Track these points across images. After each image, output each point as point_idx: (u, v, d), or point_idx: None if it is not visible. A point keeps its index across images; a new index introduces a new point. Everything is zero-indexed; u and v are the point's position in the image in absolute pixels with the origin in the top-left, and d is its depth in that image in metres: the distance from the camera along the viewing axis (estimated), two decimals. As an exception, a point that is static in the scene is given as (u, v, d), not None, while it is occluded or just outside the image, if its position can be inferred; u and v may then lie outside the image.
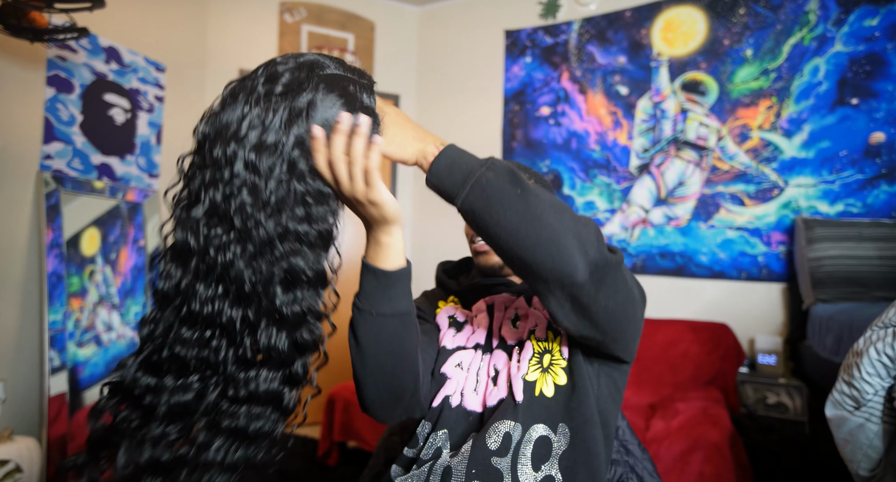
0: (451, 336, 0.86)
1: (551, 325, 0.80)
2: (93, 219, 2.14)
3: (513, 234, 0.58)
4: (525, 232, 0.58)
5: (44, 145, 2.00)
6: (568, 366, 0.75)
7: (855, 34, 2.14)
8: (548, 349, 0.78)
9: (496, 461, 0.69)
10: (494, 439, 0.71)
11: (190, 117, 2.71)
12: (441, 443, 0.75)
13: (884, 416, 0.94)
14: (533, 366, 0.76)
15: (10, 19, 1.57)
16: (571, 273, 0.58)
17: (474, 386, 0.79)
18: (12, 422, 1.84)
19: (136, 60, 2.38)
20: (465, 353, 0.83)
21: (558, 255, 0.58)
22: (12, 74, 1.89)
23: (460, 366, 0.82)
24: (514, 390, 0.74)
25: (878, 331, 0.97)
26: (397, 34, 3.25)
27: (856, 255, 1.94)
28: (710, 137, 2.42)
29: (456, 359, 0.82)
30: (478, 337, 0.85)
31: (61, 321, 1.94)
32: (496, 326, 0.85)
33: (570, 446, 0.70)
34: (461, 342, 0.85)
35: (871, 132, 2.11)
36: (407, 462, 0.78)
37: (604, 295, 0.61)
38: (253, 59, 2.91)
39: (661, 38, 2.56)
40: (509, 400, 0.74)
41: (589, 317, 0.63)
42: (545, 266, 0.58)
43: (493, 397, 0.76)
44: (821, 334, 1.78)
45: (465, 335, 0.86)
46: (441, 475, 0.70)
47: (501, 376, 0.78)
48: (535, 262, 0.58)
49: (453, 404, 0.78)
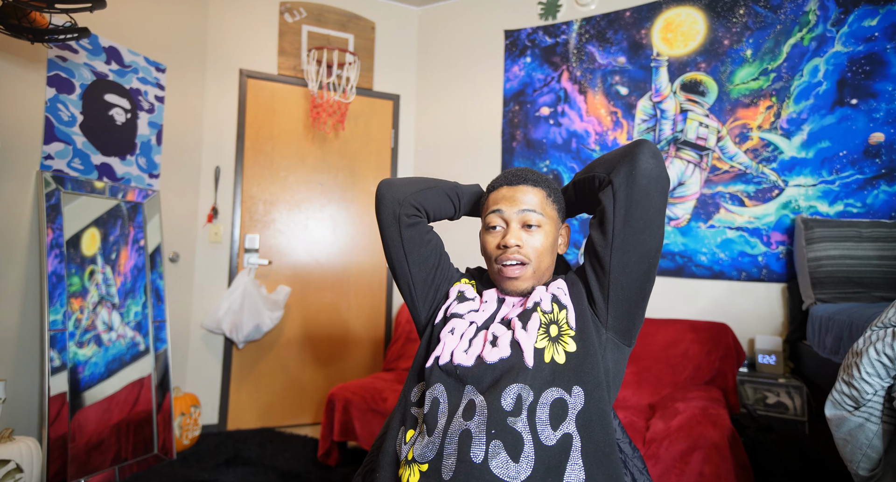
0: (455, 304, 0.93)
1: (556, 299, 0.86)
2: (93, 219, 2.14)
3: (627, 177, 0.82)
4: (620, 161, 0.84)
5: (44, 145, 2.00)
6: (577, 335, 0.81)
7: (854, 34, 2.15)
8: (554, 320, 0.83)
9: (512, 421, 0.72)
10: (508, 402, 0.74)
11: (190, 117, 2.72)
12: (438, 393, 0.79)
13: (883, 416, 0.94)
14: (541, 335, 0.81)
15: (10, 19, 1.57)
16: (634, 167, 0.80)
17: (465, 348, 0.83)
18: (12, 422, 1.84)
19: (136, 60, 2.38)
20: (461, 322, 0.88)
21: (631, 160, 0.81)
22: (12, 74, 1.89)
23: (452, 332, 0.87)
24: (525, 355, 0.78)
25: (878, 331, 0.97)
26: (397, 34, 3.25)
27: (855, 255, 1.94)
28: (710, 137, 2.42)
29: (450, 326, 0.88)
30: (478, 317, 0.89)
31: (61, 321, 1.94)
32: (499, 316, 0.89)
33: (585, 405, 0.75)
34: (461, 311, 0.91)
35: (870, 132, 2.11)
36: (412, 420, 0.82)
37: (648, 195, 0.79)
38: (253, 60, 2.91)
39: (660, 38, 2.56)
40: (518, 363, 0.78)
41: (632, 201, 0.80)
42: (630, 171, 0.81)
43: (493, 355, 0.80)
44: (820, 334, 1.78)
45: (466, 307, 0.92)
46: (458, 439, 0.72)
47: (502, 340, 0.82)
48: (635, 177, 0.80)
49: (441, 362, 0.82)
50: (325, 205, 3.06)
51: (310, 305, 2.97)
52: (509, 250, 0.88)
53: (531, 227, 0.90)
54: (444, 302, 0.96)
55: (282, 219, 2.96)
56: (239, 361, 2.85)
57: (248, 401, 2.85)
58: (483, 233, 0.95)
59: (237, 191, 2.86)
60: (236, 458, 2.35)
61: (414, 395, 0.85)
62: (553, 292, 0.87)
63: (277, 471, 2.19)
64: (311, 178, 3.03)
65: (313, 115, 2.82)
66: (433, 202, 0.99)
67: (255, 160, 2.92)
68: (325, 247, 3.05)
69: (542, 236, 0.90)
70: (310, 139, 3.03)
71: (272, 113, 2.96)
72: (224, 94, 2.85)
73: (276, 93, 2.97)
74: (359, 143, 3.14)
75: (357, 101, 3.09)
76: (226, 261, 2.83)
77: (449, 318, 0.90)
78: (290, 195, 2.99)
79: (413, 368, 0.91)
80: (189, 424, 2.49)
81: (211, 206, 2.78)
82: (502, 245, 0.88)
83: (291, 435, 2.71)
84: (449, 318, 0.90)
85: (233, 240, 2.84)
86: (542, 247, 0.90)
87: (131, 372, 2.20)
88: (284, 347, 2.93)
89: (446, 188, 1.02)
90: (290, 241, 2.97)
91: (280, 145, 2.97)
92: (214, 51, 2.82)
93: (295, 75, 2.97)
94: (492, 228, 0.92)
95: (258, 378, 2.87)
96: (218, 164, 2.82)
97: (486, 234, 0.93)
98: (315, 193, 3.04)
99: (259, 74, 2.92)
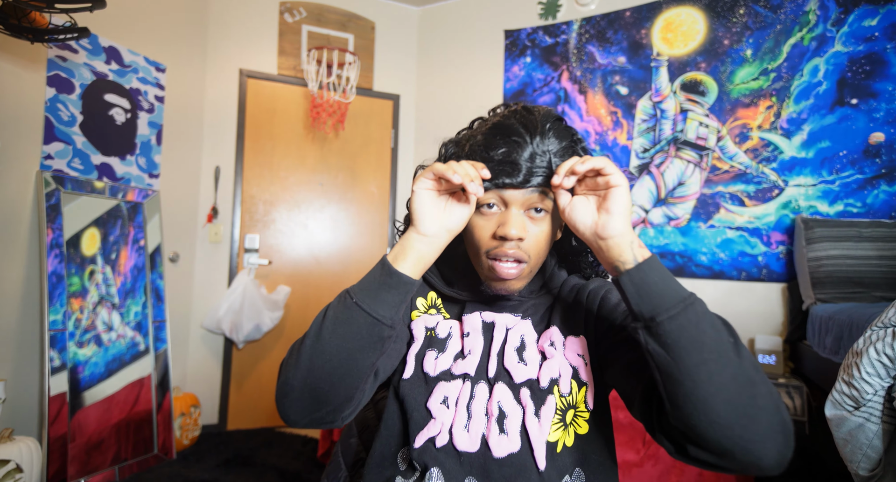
0: (431, 359, 0.74)
1: (577, 375, 0.71)
2: (93, 219, 2.14)
3: (714, 383, 0.51)
4: (729, 388, 0.51)
5: (44, 145, 2.00)
6: (591, 417, 0.70)
7: (854, 34, 2.14)
8: (572, 404, 0.70)
9: None
10: None
11: (190, 117, 2.72)
12: (434, 477, 0.68)
13: (883, 416, 0.94)
14: (555, 426, 0.69)
15: (10, 19, 1.57)
16: (760, 456, 0.51)
17: (465, 423, 0.69)
18: (12, 422, 1.84)
19: (136, 60, 2.38)
20: (451, 386, 0.71)
21: (753, 430, 0.50)
22: (12, 74, 1.89)
23: (446, 403, 0.70)
24: (536, 455, 0.66)
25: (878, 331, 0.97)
26: (397, 34, 3.25)
27: (855, 255, 1.94)
28: (710, 137, 2.42)
29: (440, 394, 0.71)
30: (468, 364, 0.72)
31: (61, 321, 1.94)
32: (494, 351, 0.73)
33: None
34: (445, 366, 0.73)
35: (870, 132, 2.11)
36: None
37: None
38: (253, 59, 2.91)
39: (660, 38, 2.56)
40: (528, 463, 0.67)
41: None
42: (731, 433, 0.51)
43: (501, 448, 0.67)
44: (820, 334, 1.78)
45: (450, 357, 0.74)
46: None
47: (512, 425, 0.68)
48: (721, 423, 0.51)
49: (439, 444, 0.68)
50: (325, 205, 3.06)
51: (310, 305, 2.97)
52: (508, 244, 0.68)
53: (539, 213, 0.69)
54: (410, 343, 0.77)
55: (282, 219, 2.96)
56: (239, 361, 2.85)
57: (248, 401, 2.85)
58: None
59: (237, 191, 2.86)
60: (236, 458, 2.35)
61: (400, 462, 0.72)
62: (573, 363, 0.71)
63: (277, 471, 2.19)
64: (310, 178, 3.03)
65: (313, 115, 2.82)
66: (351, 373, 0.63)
67: (255, 160, 2.92)
68: (325, 247, 3.05)
69: (548, 224, 0.70)
70: (310, 139, 3.03)
71: (272, 113, 2.96)
72: (224, 94, 2.85)
73: (276, 93, 2.97)
74: (359, 143, 3.14)
75: (357, 101, 3.09)
76: (226, 261, 2.83)
77: (431, 380, 0.72)
78: (290, 195, 2.99)
79: (387, 425, 0.74)
80: (189, 424, 2.49)
81: (211, 206, 2.78)
82: (500, 235, 0.67)
83: (291, 435, 2.71)
84: (431, 380, 0.72)
85: (233, 240, 2.84)
86: (546, 240, 0.71)
87: (131, 372, 2.20)
88: (284, 347, 2.93)
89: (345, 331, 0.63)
90: (290, 241, 2.97)
91: (280, 145, 2.97)
92: (214, 51, 2.82)
93: (295, 75, 2.97)
94: (485, 207, 0.69)
95: (258, 378, 2.87)
96: (218, 163, 2.82)
97: (476, 217, 0.70)
98: (315, 193, 3.04)
99: (259, 74, 2.91)
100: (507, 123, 0.68)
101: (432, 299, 0.81)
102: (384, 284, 0.63)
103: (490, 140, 0.68)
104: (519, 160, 0.66)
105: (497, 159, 0.67)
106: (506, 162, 0.66)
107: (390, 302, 0.63)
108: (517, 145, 0.66)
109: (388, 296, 0.63)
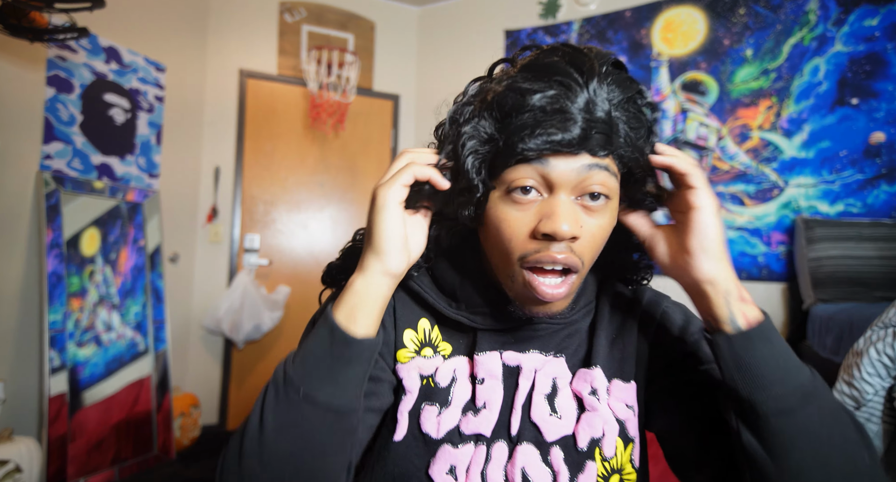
0: (431, 416, 0.53)
1: (623, 431, 0.54)
2: (93, 219, 2.14)
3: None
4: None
5: (44, 145, 2.00)
6: (639, 474, 0.55)
7: (855, 34, 2.14)
8: (617, 468, 0.53)
9: None
10: None
11: (190, 117, 2.72)
12: None
13: (884, 416, 0.94)
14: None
15: (10, 19, 1.57)
16: None
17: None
18: (12, 422, 1.84)
19: (136, 60, 2.37)
20: (461, 453, 0.52)
21: None
22: (12, 74, 1.89)
23: (453, 473, 0.52)
24: None
25: (878, 331, 0.97)
26: (397, 34, 3.25)
27: (856, 255, 1.94)
28: (711, 137, 2.42)
29: (445, 461, 0.52)
30: (482, 421, 0.53)
31: (61, 321, 1.94)
32: (519, 403, 0.53)
33: None
34: (451, 424, 0.53)
35: (871, 132, 2.10)
36: None
37: None
38: (253, 59, 2.91)
39: (661, 38, 2.56)
40: None
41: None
42: None
43: None
44: (821, 334, 1.78)
45: (456, 411, 0.54)
46: None
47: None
48: None
49: None
50: (325, 205, 3.06)
51: (310, 305, 2.97)
52: (556, 245, 0.47)
53: (596, 199, 0.48)
54: (400, 396, 0.55)
55: (282, 219, 2.96)
56: (239, 361, 2.85)
57: (248, 401, 2.85)
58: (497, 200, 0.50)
59: (237, 191, 2.86)
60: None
61: None
62: (620, 416, 0.54)
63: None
64: (310, 178, 3.03)
65: (313, 115, 2.82)
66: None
67: (255, 160, 2.92)
68: (325, 247, 3.04)
69: (609, 217, 0.50)
70: (310, 139, 3.02)
71: (272, 113, 2.96)
72: (224, 94, 2.85)
73: (275, 93, 2.97)
74: (359, 143, 3.14)
75: (357, 101, 3.09)
76: (226, 262, 2.83)
77: (433, 443, 0.53)
78: (289, 195, 2.99)
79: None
80: (189, 424, 2.49)
81: (211, 206, 2.78)
82: (543, 233, 0.46)
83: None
84: (433, 443, 0.53)
85: (233, 240, 2.84)
86: (604, 239, 0.51)
87: (131, 372, 2.20)
88: (284, 347, 2.93)
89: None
90: (290, 241, 2.97)
91: (280, 145, 2.97)
92: (214, 51, 2.82)
93: (295, 75, 2.97)
94: (517, 192, 0.48)
95: (258, 378, 2.87)
96: (218, 163, 2.82)
97: (504, 206, 0.49)
98: (315, 193, 3.04)
99: (259, 74, 2.91)
100: (546, 61, 0.46)
101: (425, 332, 0.57)
102: (340, 359, 0.45)
103: (524, 82, 0.46)
104: (571, 109, 0.44)
105: (538, 107, 0.44)
106: (551, 111, 0.44)
107: (353, 380, 0.45)
108: (567, 89, 0.44)
109: (349, 374, 0.45)
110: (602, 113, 0.45)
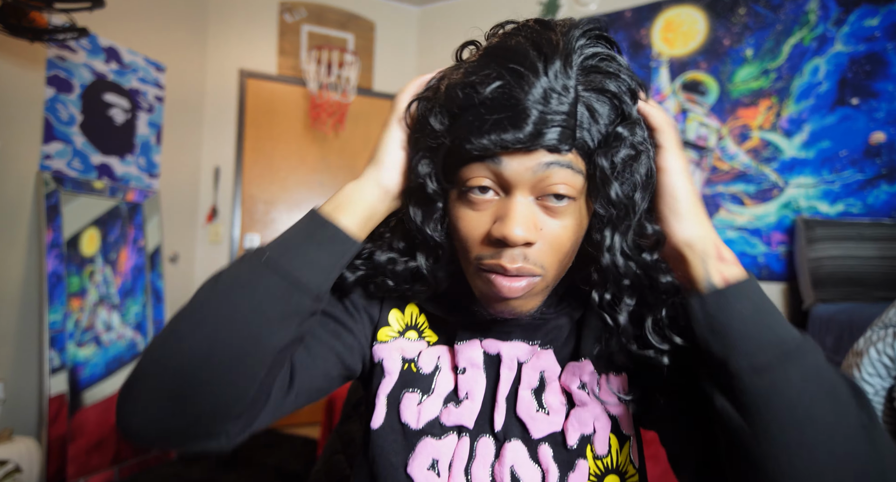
0: (412, 404, 0.51)
1: (617, 428, 0.50)
2: (93, 219, 2.14)
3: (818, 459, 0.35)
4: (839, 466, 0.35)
5: (44, 145, 2.00)
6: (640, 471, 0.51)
7: (855, 34, 2.14)
8: (612, 468, 0.50)
9: None
10: None
11: (190, 117, 2.72)
12: None
13: (884, 417, 0.94)
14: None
15: (10, 19, 1.57)
16: None
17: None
18: (12, 422, 1.84)
19: (136, 60, 2.37)
20: (442, 444, 0.50)
21: None
22: (12, 74, 1.89)
23: (435, 468, 0.49)
24: None
25: (879, 331, 0.97)
26: (397, 34, 3.25)
27: (856, 255, 1.94)
28: (711, 137, 2.42)
29: (426, 455, 0.49)
30: (464, 412, 0.51)
31: (61, 321, 1.94)
32: (501, 396, 0.51)
33: None
34: (432, 415, 0.51)
35: (871, 132, 2.10)
36: None
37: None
38: (253, 59, 2.91)
39: (661, 38, 2.56)
40: None
41: None
42: None
43: None
44: (821, 334, 1.78)
45: (438, 401, 0.51)
46: None
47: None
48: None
49: None
50: (325, 205, 3.06)
51: (310, 305, 2.97)
52: (509, 252, 0.43)
53: (560, 200, 0.43)
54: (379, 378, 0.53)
55: (282, 219, 2.96)
56: (239, 361, 2.85)
57: (247, 401, 2.85)
58: (454, 200, 0.47)
59: (237, 191, 2.86)
60: (236, 458, 2.35)
61: None
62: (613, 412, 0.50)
63: (277, 471, 2.19)
64: (310, 178, 3.03)
65: (313, 115, 2.82)
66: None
67: (255, 160, 2.92)
68: (325, 247, 3.05)
69: (574, 218, 0.45)
70: (310, 139, 3.02)
71: (272, 113, 2.96)
72: (224, 94, 2.85)
73: (275, 93, 2.97)
74: (359, 143, 3.14)
75: (357, 101, 3.09)
76: (226, 262, 2.83)
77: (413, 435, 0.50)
78: (290, 195, 2.99)
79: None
80: (189, 424, 2.49)
81: (211, 206, 2.78)
82: (495, 238, 0.43)
83: (291, 435, 2.70)
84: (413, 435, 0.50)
85: (233, 240, 2.84)
86: (571, 241, 0.45)
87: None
88: (284, 347, 2.93)
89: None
90: (289, 241, 2.97)
91: (280, 145, 2.97)
92: (214, 51, 2.82)
93: (295, 75, 2.97)
94: (474, 192, 0.44)
95: (258, 378, 2.87)
96: (218, 163, 2.82)
97: (461, 206, 0.46)
98: (315, 193, 3.04)
99: (259, 74, 2.91)
100: (506, 45, 0.44)
101: (412, 316, 0.56)
102: (311, 238, 0.44)
103: (478, 72, 0.43)
104: (524, 101, 0.40)
105: (487, 101, 0.41)
106: (501, 104, 0.40)
107: (319, 263, 0.43)
108: (520, 77, 0.40)
109: (317, 255, 0.43)
110: (563, 104, 0.40)
